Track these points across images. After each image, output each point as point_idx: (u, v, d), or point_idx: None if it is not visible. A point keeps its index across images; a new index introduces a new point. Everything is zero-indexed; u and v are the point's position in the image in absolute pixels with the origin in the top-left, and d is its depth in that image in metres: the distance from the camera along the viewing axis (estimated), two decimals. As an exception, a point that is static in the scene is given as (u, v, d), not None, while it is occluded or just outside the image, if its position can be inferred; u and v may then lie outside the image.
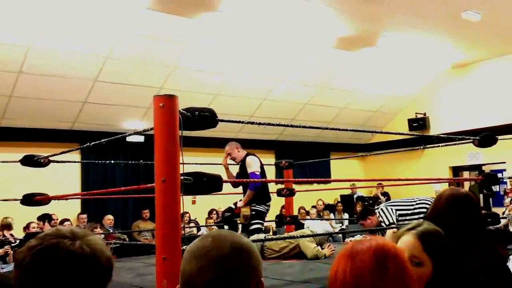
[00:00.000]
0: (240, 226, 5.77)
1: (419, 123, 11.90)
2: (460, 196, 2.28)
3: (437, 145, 6.62)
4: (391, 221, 4.91)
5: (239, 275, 1.22)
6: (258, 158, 5.72)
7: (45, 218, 8.11)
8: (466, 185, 11.44)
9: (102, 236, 7.67)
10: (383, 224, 4.96)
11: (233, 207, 5.83)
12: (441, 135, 5.83)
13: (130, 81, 8.69)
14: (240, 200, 5.63)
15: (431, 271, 1.75)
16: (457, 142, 6.00)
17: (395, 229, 4.82)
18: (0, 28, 6.99)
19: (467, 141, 5.39)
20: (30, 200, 4.91)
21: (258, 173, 5.44)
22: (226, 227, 6.02)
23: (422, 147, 7.37)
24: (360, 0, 7.57)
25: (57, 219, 8.48)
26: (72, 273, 1.12)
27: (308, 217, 10.29)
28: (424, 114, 12.04)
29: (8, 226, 7.79)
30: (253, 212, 5.54)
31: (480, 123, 10.51)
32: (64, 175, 8.74)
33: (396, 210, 4.97)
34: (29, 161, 4.87)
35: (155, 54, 8.37)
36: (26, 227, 7.95)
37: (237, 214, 5.70)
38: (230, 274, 1.21)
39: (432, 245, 1.79)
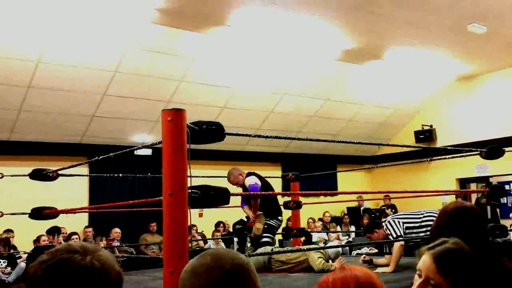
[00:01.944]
0: (248, 238, 5.79)
1: (425, 135, 11.89)
2: (464, 209, 2.29)
3: (444, 157, 6.61)
4: (398, 233, 4.90)
5: None
6: (258, 175, 5.74)
7: (54, 231, 8.15)
8: (474, 197, 11.39)
9: (104, 247, 7.66)
10: (390, 237, 4.95)
11: (245, 220, 5.85)
12: (448, 147, 5.82)
13: (138, 95, 8.77)
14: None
15: None
16: (464, 154, 6.00)
17: (402, 242, 4.81)
18: (10, 42, 7.08)
19: (474, 153, 5.38)
20: (39, 214, 4.93)
21: (254, 183, 5.48)
22: (235, 239, 6.03)
23: (429, 159, 7.37)
24: (366, 14, 7.62)
25: (65, 233, 8.52)
26: (82, 287, 1.13)
27: (314, 229, 10.27)
28: (431, 126, 12.03)
29: (6, 240, 7.75)
30: (265, 226, 5.57)
31: (487, 135, 10.50)
32: (72, 188, 8.78)
33: (403, 222, 4.95)
34: (38, 175, 4.90)
35: (162, 68, 8.44)
36: (36, 240, 7.99)
37: (248, 227, 5.73)
38: None
39: (448, 266, 1.76)
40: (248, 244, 5.79)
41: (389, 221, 5.04)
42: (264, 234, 5.57)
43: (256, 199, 5.52)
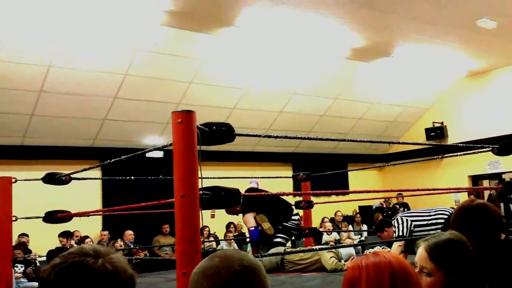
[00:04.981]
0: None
1: (436, 132, 11.84)
2: (475, 208, 2.29)
3: (455, 154, 6.57)
4: (400, 233, 4.87)
5: None
6: (255, 199, 5.60)
7: (68, 235, 8.23)
8: (486, 194, 11.32)
9: (120, 251, 7.72)
10: (394, 234, 4.94)
11: None
12: (460, 144, 5.78)
13: (149, 98, 8.82)
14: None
15: (442, 280, 1.77)
16: (476, 150, 5.95)
17: (400, 243, 4.79)
18: (21, 48, 7.16)
19: (486, 149, 5.33)
20: (52, 217, 4.96)
21: (253, 228, 5.46)
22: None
23: (440, 157, 7.33)
24: (375, 11, 7.61)
25: (79, 236, 8.58)
26: None
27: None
28: (442, 123, 11.97)
29: (24, 245, 7.85)
30: (280, 227, 5.58)
31: (498, 130, 10.44)
32: (85, 192, 8.85)
33: (412, 221, 4.93)
34: (51, 179, 4.90)
35: (172, 70, 8.49)
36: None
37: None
38: None
39: (440, 255, 1.80)
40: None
41: (397, 219, 5.03)
42: (279, 235, 5.57)
43: (253, 241, 5.55)
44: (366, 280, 1.36)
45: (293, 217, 5.73)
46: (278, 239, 5.56)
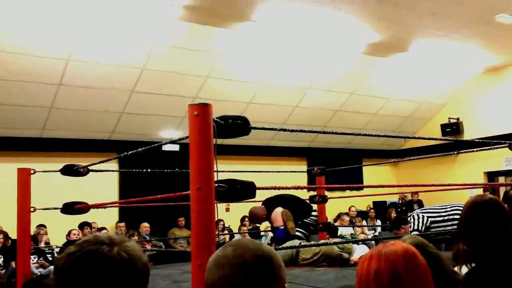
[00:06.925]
0: None
1: (452, 128, 11.76)
2: (487, 202, 2.28)
3: (471, 150, 6.51)
4: (415, 228, 4.88)
5: (260, 282, 1.26)
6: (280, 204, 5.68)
7: (85, 226, 8.35)
8: (502, 191, 11.22)
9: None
10: (410, 229, 4.95)
11: None
12: (475, 140, 5.74)
13: (166, 91, 8.88)
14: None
15: None
16: (492, 146, 5.91)
17: None
18: (41, 42, 7.26)
19: (503, 145, 5.29)
20: (70, 208, 5.01)
21: (282, 227, 5.50)
22: (270, 234, 6.07)
23: (455, 153, 7.26)
24: (391, 6, 7.58)
25: (96, 227, 8.70)
26: (110, 278, 1.14)
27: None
28: (458, 119, 11.88)
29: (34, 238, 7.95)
30: (299, 222, 5.63)
31: (515, 127, 10.34)
32: (102, 184, 8.95)
33: (428, 217, 4.93)
34: (69, 170, 4.96)
35: (189, 64, 8.53)
36: (68, 234, 8.20)
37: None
38: (251, 282, 1.25)
39: None
40: None
41: (413, 215, 5.04)
42: (297, 229, 5.62)
43: (277, 241, 5.58)
44: (366, 272, 1.41)
45: (312, 213, 5.79)
46: (297, 233, 5.61)
